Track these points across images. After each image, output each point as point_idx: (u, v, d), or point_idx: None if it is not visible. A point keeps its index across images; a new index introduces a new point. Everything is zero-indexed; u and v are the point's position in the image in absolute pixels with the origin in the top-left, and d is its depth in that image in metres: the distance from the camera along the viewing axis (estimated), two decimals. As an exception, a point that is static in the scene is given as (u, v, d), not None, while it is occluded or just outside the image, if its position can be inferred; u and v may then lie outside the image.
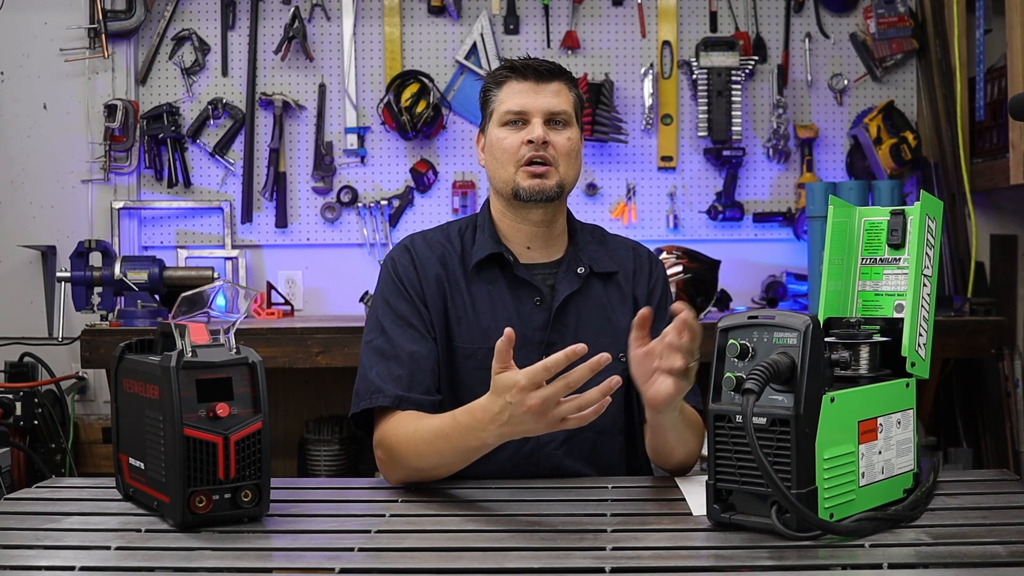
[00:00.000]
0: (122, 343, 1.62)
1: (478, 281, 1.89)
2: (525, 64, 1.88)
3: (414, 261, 1.89)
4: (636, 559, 1.31)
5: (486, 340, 1.84)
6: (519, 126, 1.86)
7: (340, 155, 3.75)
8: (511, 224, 1.91)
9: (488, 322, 1.86)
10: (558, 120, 1.87)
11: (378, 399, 1.77)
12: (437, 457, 1.65)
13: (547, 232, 1.91)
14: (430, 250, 1.90)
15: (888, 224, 1.57)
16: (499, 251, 1.89)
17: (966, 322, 3.20)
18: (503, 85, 1.89)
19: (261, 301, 3.56)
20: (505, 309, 1.87)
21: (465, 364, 1.86)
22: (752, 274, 3.73)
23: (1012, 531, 1.38)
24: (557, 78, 1.88)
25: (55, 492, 1.71)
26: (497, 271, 1.89)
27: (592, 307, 1.90)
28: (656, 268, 1.98)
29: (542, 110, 1.85)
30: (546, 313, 1.87)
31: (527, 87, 1.86)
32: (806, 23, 3.79)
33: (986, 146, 3.57)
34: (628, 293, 1.93)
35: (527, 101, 1.86)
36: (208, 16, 3.73)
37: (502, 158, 1.86)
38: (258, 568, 1.32)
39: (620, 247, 1.98)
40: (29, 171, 3.71)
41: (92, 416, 3.67)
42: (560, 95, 1.87)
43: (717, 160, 3.72)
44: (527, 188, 1.84)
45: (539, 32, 3.75)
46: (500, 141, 1.87)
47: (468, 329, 1.86)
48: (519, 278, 1.88)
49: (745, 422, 1.33)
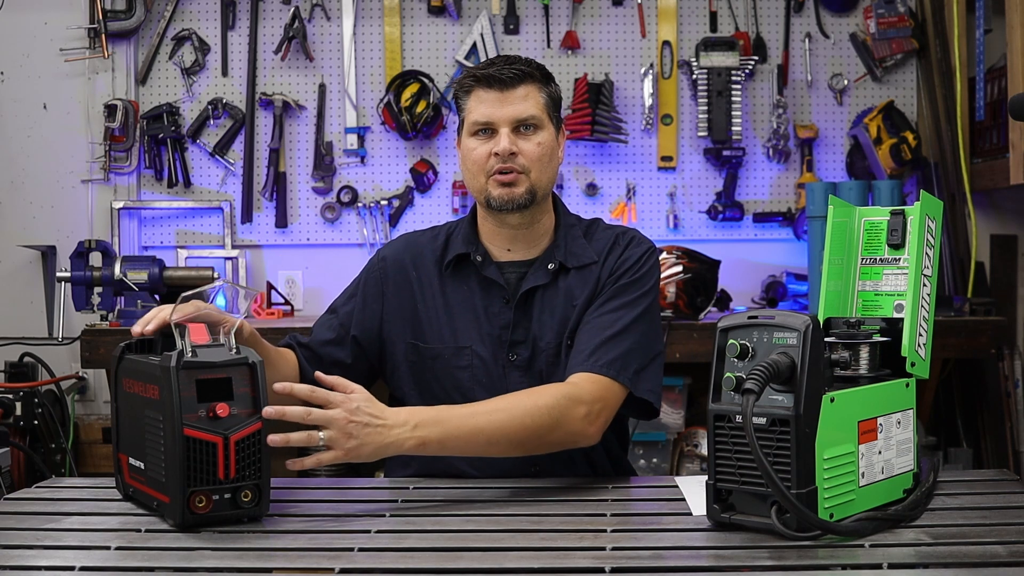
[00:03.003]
0: (122, 343, 1.62)
1: (453, 281, 1.91)
2: (488, 74, 1.83)
3: (385, 257, 1.96)
4: (636, 559, 1.31)
5: (454, 340, 1.88)
6: (487, 135, 1.84)
7: (340, 155, 3.75)
8: (492, 228, 1.91)
9: (458, 322, 1.88)
10: (528, 125, 1.84)
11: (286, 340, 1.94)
12: None
13: (527, 234, 1.90)
14: (408, 249, 1.96)
15: (888, 224, 1.57)
16: (467, 252, 1.90)
17: (966, 322, 3.20)
18: (470, 94, 1.86)
19: (261, 301, 3.56)
20: (474, 309, 1.88)
21: (432, 364, 1.89)
22: (752, 274, 3.73)
23: (1012, 531, 1.38)
24: (523, 82, 1.84)
25: (55, 492, 1.71)
26: (471, 271, 1.91)
27: (558, 299, 1.87)
28: (630, 248, 1.89)
29: (508, 119, 1.82)
30: (511, 313, 1.87)
31: (492, 96, 1.83)
32: (806, 23, 3.79)
33: (986, 146, 3.57)
34: (595, 275, 1.88)
35: (492, 111, 1.82)
36: (208, 16, 3.74)
37: (472, 168, 1.86)
38: (258, 568, 1.32)
39: (604, 236, 1.93)
40: (29, 171, 3.71)
41: (92, 416, 3.67)
42: (528, 99, 1.83)
43: (717, 160, 3.72)
44: (497, 197, 1.83)
45: (539, 32, 3.75)
46: (470, 152, 1.86)
47: (437, 329, 1.89)
48: (488, 278, 1.89)
49: (745, 422, 1.33)
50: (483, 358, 1.87)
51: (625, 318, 1.81)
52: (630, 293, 1.85)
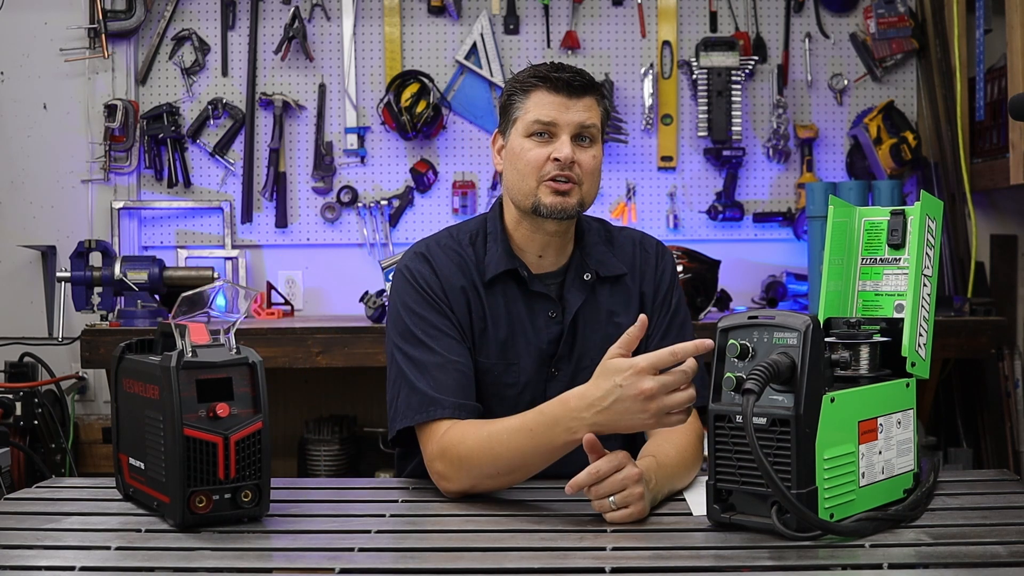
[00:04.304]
0: (122, 343, 1.62)
1: (493, 293, 1.83)
2: (559, 76, 1.77)
3: (435, 270, 1.81)
4: (636, 559, 1.31)
5: (503, 356, 1.81)
6: (545, 139, 1.77)
7: (340, 155, 3.75)
8: (526, 234, 1.84)
9: (504, 336, 1.82)
10: (585, 136, 1.78)
11: (436, 412, 1.68)
12: (518, 457, 1.58)
13: (560, 241, 1.85)
14: (448, 259, 1.83)
15: (888, 224, 1.57)
16: (514, 267, 1.83)
17: (966, 322, 3.20)
18: (530, 93, 1.78)
19: (261, 301, 3.56)
20: (520, 323, 1.82)
21: (483, 379, 1.81)
22: (752, 274, 3.73)
23: (1012, 531, 1.38)
24: (589, 92, 1.78)
25: (55, 492, 1.71)
26: (512, 283, 1.84)
27: (599, 314, 1.85)
28: (663, 259, 1.91)
29: (572, 124, 1.76)
30: (559, 327, 1.83)
31: (558, 100, 1.76)
32: (806, 23, 3.78)
33: (986, 146, 3.57)
34: (635, 292, 1.88)
35: (557, 115, 1.76)
36: (208, 16, 3.73)
37: (524, 170, 1.78)
38: (258, 568, 1.32)
39: (626, 243, 1.92)
40: (29, 171, 3.71)
41: (92, 416, 3.67)
42: (591, 110, 1.78)
43: (717, 160, 3.72)
44: (548, 205, 1.76)
45: (539, 32, 3.75)
46: (524, 152, 1.77)
47: (487, 343, 1.82)
48: (534, 292, 1.83)
49: (745, 422, 1.33)
50: (528, 373, 1.82)
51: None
52: (680, 313, 1.89)
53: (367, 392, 3.64)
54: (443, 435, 1.66)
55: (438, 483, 1.67)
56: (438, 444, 1.66)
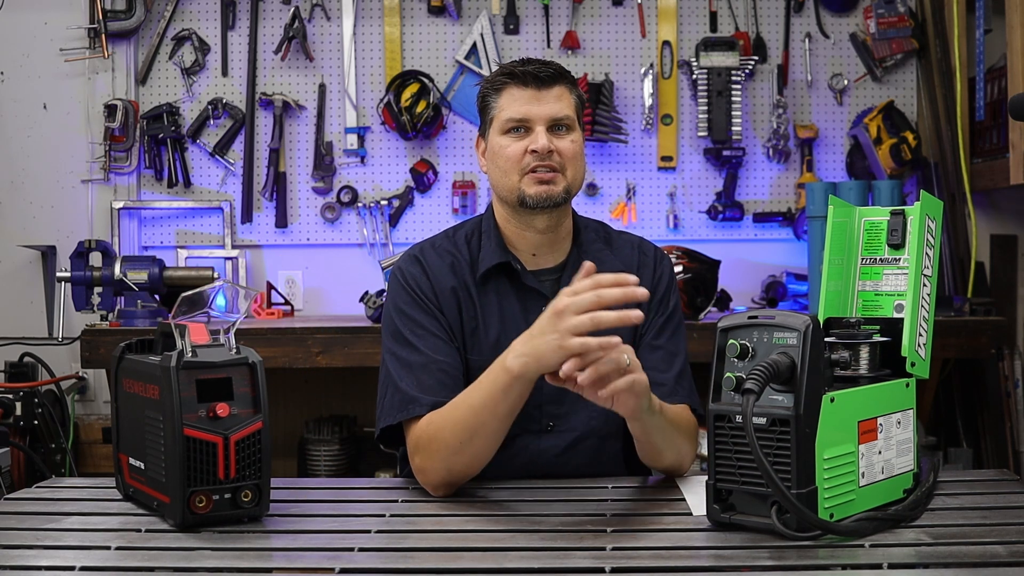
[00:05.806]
0: (122, 343, 1.62)
1: (486, 291, 1.85)
2: (525, 70, 1.81)
3: (426, 271, 1.84)
4: (636, 559, 1.31)
5: (495, 353, 1.78)
6: (521, 133, 1.81)
7: (340, 155, 3.75)
8: (516, 231, 1.86)
9: (496, 333, 1.83)
10: (561, 125, 1.81)
11: (414, 409, 1.70)
12: (471, 416, 1.60)
13: (553, 237, 1.86)
14: (440, 260, 1.86)
15: (888, 224, 1.57)
16: (507, 260, 1.84)
17: (966, 322, 3.20)
18: (502, 91, 1.83)
19: (261, 301, 3.56)
20: (514, 319, 1.83)
21: (475, 377, 1.77)
22: (752, 274, 3.73)
23: (1012, 531, 1.38)
24: (558, 82, 1.82)
25: (55, 492, 1.71)
26: (505, 280, 1.85)
27: None
28: (661, 264, 1.93)
29: (545, 117, 1.80)
30: None
31: (528, 94, 1.80)
32: (806, 23, 3.78)
33: (986, 146, 3.57)
34: None
35: (529, 109, 1.80)
36: (208, 16, 3.74)
37: (505, 166, 1.81)
38: (258, 568, 1.32)
39: (625, 245, 1.94)
40: (29, 171, 3.71)
41: (92, 416, 3.67)
42: (562, 99, 1.82)
43: (717, 160, 3.72)
44: (534, 195, 1.79)
45: (539, 32, 3.75)
46: (503, 149, 1.81)
47: (479, 341, 1.83)
48: (527, 286, 1.85)
49: (745, 422, 1.33)
50: None
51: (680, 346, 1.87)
52: (676, 317, 1.89)
53: (367, 392, 3.60)
54: (415, 428, 1.70)
55: (420, 480, 1.69)
56: (412, 438, 1.70)
